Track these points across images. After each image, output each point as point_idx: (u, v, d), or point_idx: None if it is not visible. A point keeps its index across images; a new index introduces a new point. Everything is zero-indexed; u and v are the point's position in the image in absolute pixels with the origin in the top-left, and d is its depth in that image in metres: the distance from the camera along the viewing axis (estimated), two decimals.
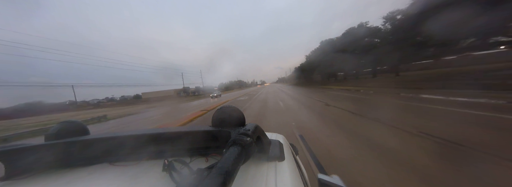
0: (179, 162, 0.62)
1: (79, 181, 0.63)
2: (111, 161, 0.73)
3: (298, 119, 6.52)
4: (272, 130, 3.21)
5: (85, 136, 0.81)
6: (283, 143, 0.91)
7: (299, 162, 1.19)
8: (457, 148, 3.12)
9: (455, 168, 2.52)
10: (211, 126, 0.74)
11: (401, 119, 5.21)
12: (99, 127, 11.92)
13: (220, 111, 0.75)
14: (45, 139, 0.77)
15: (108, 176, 0.64)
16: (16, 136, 10.12)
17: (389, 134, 4.11)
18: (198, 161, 0.69)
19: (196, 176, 0.43)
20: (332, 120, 5.97)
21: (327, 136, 4.35)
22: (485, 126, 4.01)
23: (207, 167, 0.47)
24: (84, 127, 0.87)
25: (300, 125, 5.61)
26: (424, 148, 3.21)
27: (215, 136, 0.67)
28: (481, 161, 2.68)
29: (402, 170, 2.57)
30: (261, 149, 0.63)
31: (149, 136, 0.72)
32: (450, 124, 4.45)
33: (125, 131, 0.78)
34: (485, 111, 5.20)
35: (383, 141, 3.67)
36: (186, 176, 0.53)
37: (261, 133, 0.63)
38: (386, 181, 2.36)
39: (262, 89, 52.61)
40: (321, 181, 0.88)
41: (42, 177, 0.68)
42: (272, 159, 0.66)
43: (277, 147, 0.72)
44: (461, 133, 3.75)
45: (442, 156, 2.89)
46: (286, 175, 0.59)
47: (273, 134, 1.15)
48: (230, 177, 0.38)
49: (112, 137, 0.73)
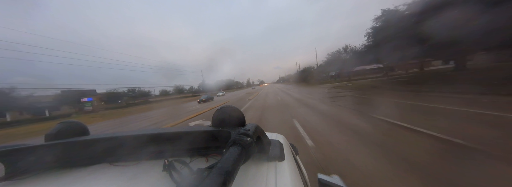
0: (179, 162, 0.62)
1: (79, 181, 0.63)
2: (111, 161, 0.72)
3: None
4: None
5: (85, 136, 0.81)
6: (283, 143, 0.91)
7: (299, 162, 1.19)
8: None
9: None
10: (211, 126, 0.74)
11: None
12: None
13: (220, 111, 0.75)
14: (45, 139, 0.77)
15: (108, 176, 0.64)
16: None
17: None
18: (198, 161, 0.69)
19: (196, 176, 0.44)
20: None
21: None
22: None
23: (207, 167, 0.47)
24: (84, 127, 0.87)
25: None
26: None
27: (215, 136, 0.67)
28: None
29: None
30: (261, 149, 0.63)
31: (149, 136, 0.72)
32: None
33: (125, 131, 0.78)
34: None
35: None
36: (186, 176, 0.53)
37: (261, 133, 0.63)
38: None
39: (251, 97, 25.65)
40: (321, 181, 0.89)
41: (42, 177, 0.68)
42: (272, 159, 0.66)
43: (277, 147, 0.72)
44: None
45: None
46: (286, 175, 0.59)
47: (273, 134, 1.16)
48: (230, 177, 0.38)
49: (112, 137, 0.73)
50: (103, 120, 18.66)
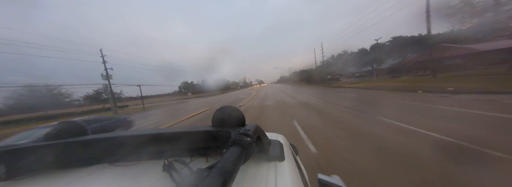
0: (179, 162, 0.62)
1: (79, 181, 0.63)
2: (111, 161, 0.72)
3: None
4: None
5: (85, 136, 0.81)
6: (283, 143, 0.91)
7: (299, 162, 1.19)
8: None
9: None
10: (211, 126, 0.74)
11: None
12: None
13: (220, 111, 0.75)
14: (45, 139, 0.76)
15: (108, 176, 0.64)
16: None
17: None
18: (198, 161, 0.69)
19: (196, 176, 0.44)
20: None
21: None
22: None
23: (207, 167, 0.47)
24: (84, 127, 0.87)
25: None
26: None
27: (215, 136, 0.67)
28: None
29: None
30: (261, 149, 0.63)
31: (149, 136, 0.72)
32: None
33: (125, 131, 0.78)
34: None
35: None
36: (186, 176, 0.53)
37: (261, 133, 0.63)
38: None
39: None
40: (321, 181, 0.88)
41: (42, 177, 0.68)
42: (272, 159, 0.66)
43: (277, 147, 0.72)
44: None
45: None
46: (286, 175, 0.59)
47: (273, 134, 1.15)
48: (230, 177, 0.38)
49: (112, 137, 0.73)
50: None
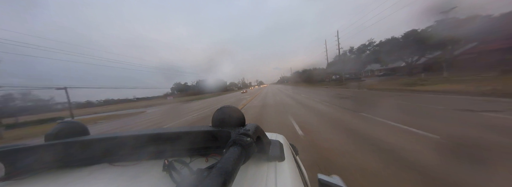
0: (179, 162, 0.62)
1: (79, 181, 0.63)
2: (111, 161, 0.72)
3: None
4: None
5: (85, 136, 0.81)
6: (283, 143, 0.91)
7: (299, 162, 1.19)
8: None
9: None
10: (211, 126, 0.74)
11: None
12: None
13: (220, 111, 0.75)
14: (45, 139, 0.76)
15: (108, 176, 0.64)
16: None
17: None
18: (198, 161, 0.69)
19: (196, 176, 0.43)
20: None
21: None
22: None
23: (207, 167, 0.47)
24: (84, 127, 0.87)
25: None
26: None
27: (215, 136, 0.67)
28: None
29: None
30: (261, 149, 0.63)
31: (149, 136, 0.72)
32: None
33: (125, 131, 0.78)
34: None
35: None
36: (186, 176, 0.53)
37: (261, 133, 0.63)
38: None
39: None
40: (321, 181, 0.89)
41: (42, 177, 0.68)
42: (272, 159, 0.66)
43: (277, 147, 0.72)
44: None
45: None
46: (286, 175, 0.59)
47: (273, 134, 1.15)
48: (230, 177, 0.38)
49: (112, 137, 0.73)
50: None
